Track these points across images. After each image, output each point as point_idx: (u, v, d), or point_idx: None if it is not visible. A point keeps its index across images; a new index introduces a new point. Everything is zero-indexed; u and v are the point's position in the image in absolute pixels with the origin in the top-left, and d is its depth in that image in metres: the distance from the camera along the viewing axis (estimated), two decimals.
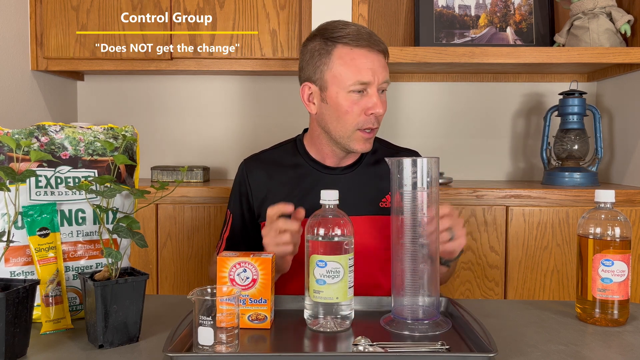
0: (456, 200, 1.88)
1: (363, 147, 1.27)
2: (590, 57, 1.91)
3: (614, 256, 1.01)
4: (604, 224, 1.02)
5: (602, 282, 1.01)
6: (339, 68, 1.22)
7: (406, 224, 0.99)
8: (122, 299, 0.89)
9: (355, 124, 1.23)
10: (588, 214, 1.05)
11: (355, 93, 1.22)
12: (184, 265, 1.95)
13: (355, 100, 1.22)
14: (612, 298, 1.01)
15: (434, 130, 2.33)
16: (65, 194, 1.02)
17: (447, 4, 2.17)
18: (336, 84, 1.22)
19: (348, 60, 1.21)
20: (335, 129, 1.26)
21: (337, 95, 1.23)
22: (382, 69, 1.23)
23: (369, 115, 1.23)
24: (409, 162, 0.99)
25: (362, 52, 1.21)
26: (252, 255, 0.98)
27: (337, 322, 0.96)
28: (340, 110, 1.23)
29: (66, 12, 2.05)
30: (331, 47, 1.23)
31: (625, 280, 1.01)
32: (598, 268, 1.01)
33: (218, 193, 1.92)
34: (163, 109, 2.36)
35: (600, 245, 1.02)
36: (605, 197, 1.04)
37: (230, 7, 2.05)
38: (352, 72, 1.21)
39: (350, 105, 1.22)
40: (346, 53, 1.21)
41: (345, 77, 1.21)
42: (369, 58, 1.21)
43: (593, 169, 2.04)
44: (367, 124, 1.23)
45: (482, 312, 1.05)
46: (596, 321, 1.02)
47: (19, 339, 0.84)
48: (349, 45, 1.21)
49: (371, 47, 1.21)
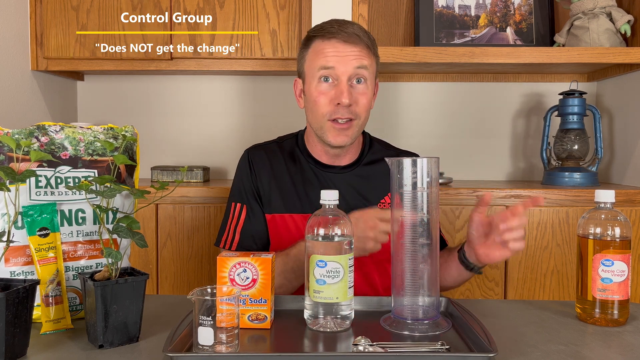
0: (456, 200, 1.88)
1: (335, 139, 1.25)
2: (590, 57, 1.91)
3: (614, 256, 1.01)
4: (604, 224, 1.02)
5: (602, 282, 1.01)
6: (310, 58, 1.26)
7: (406, 224, 0.99)
8: (122, 299, 0.89)
9: (323, 114, 1.24)
10: (588, 214, 1.05)
11: (324, 82, 1.24)
12: (184, 265, 1.95)
13: (324, 90, 1.24)
14: (612, 298, 1.01)
15: (434, 130, 2.33)
16: (65, 194, 1.02)
17: (447, 4, 2.17)
18: (310, 75, 1.26)
19: (318, 50, 1.25)
20: (311, 121, 1.29)
21: (309, 86, 1.26)
22: (352, 57, 1.22)
23: (337, 105, 1.23)
24: (409, 162, 0.99)
25: (332, 42, 1.23)
26: (252, 255, 0.97)
27: (337, 322, 0.96)
28: (311, 101, 1.26)
29: (66, 12, 2.05)
30: (310, 42, 1.27)
31: (625, 281, 1.01)
32: (598, 268, 1.01)
33: (218, 193, 1.92)
34: (163, 109, 2.36)
35: (600, 246, 1.02)
36: (605, 197, 1.03)
37: (230, 7, 2.05)
38: (318, 59, 1.24)
39: (318, 95, 1.24)
40: (318, 45, 1.25)
41: (314, 64, 1.25)
42: (338, 48, 1.23)
43: (593, 169, 2.04)
44: (335, 114, 1.23)
45: (482, 312, 1.05)
46: (596, 321, 1.02)
47: (19, 339, 0.84)
48: (322, 37, 1.24)
49: (345, 39, 1.23)
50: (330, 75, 1.23)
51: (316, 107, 1.24)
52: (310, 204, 1.29)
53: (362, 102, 1.24)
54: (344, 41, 1.22)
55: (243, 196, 1.34)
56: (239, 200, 1.34)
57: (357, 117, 1.24)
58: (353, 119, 1.24)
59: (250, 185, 1.34)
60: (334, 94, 1.23)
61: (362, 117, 1.26)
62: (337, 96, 1.22)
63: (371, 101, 1.28)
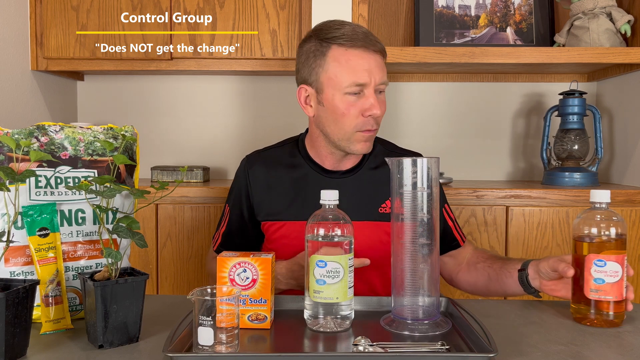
0: (456, 200, 1.88)
1: (363, 148, 1.25)
2: (590, 57, 1.91)
3: (607, 257, 1.00)
4: (598, 224, 1.02)
5: (595, 282, 1.00)
6: (334, 70, 1.19)
7: (406, 224, 0.99)
8: (122, 299, 0.89)
9: (354, 126, 1.21)
10: (583, 214, 1.04)
11: (352, 95, 1.19)
12: (184, 265, 1.95)
13: (352, 102, 1.20)
14: (606, 299, 1.00)
15: (434, 131, 2.33)
16: (65, 194, 1.02)
17: (447, 4, 2.17)
18: (332, 86, 1.20)
19: (343, 61, 1.19)
20: (333, 132, 1.24)
21: (333, 98, 1.21)
22: (378, 69, 1.20)
23: (367, 117, 1.20)
24: (409, 162, 0.99)
25: (357, 52, 1.18)
26: (252, 255, 0.97)
27: (337, 322, 0.96)
28: (337, 113, 1.21)
29: (66, 12, 2.05)
30: (326, 48, 1.20)
31: (620, 281, 1.00)
32: (591, 268, 1.01)
33: (218, 193, 1.92)
34: (163, 109, 2.36)
35: (593, 246, 1.01)
36: (600, 197, 1.03)
37: (230, 7, 2.05)
38: (347, 74, 1.18)
39: (347, 108, 1.20)
40: (341, 54, 1.19)
41: (340, 78, 1.19)
42: (365, 59, 1.19)
43: (593, 169, 2.04)
44: (365, 126, 1.21)
45: (482, 312, 1.05)
46: (590, 322, 1.01)
47: (19, 339, 0.84)
48: (344, 45, 1.19)
49: (367, 47, 1.19)
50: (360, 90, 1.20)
51: (344, 119, 1.21)
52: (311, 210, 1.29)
53: (383, 110, 1.23)
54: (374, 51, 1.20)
55: (230, 200, 1.37)
56: (228, 203, 1.38)
57: (379, 125, 1.25)
58: (377, 128, 1.25)
59: (240, 194, 1.35)
60: (362, 105, 1.20)
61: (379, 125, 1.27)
62: (369, 108, 1.19)
63: None
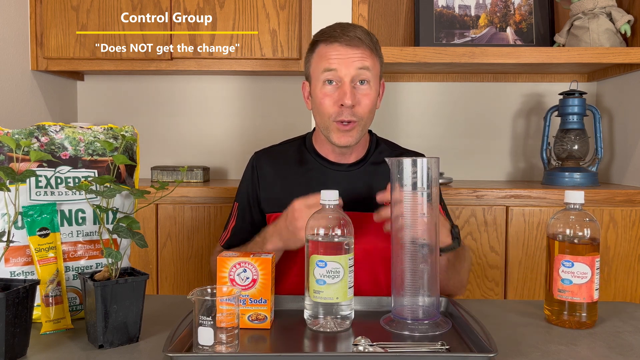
0: (456, 200, 1.88)
1: (340, 140, 1.28)
2: (590, 57, 1.91)
3: (574, 257, 0.99)
4: (568, 225, 1.02)
5: (562, 282, 1.00)
6: (315, 62, 1.29)
7: (406, 223, 0.99)
8: (122, 299, 0.89)
9: (329, 116, 1.27)
10: (557, 214, 1.04)
11: (328, 85, 1.26)
12: (184, 265, 1.95)
13: (329, 92, 1.26)
14: (572, 300, 1.00)
15: (434, 131, 2.33)
16: (65, 194, 1.02)
17: (447, 4, 2.17)
18: (315, 77, 1.29)
19: (322, 54, 1.27)
20: (318, 123, 1.32)
21: (315, 89, 1.30)
22: (355, 59, 1.24)
23: (340, 106, 1.25)
24: (409, 162, 0.99)
25: (334, 46, 1.26)
26: (252, 255, 0.98)
27: (337, 322, 0.96)
28: (316, 102, 1.29)
29: (66, 12, 2.05)
30: (315, 46, 1.30)
31: (588, 283, 0.99)
32: (559, 269, 1.01)
33: (218, 193, 1.92)
34: (163, 109, 2.36)
35: (562, 246, 1.01)
36: (574, 198, 1.03)
37: (230, 7, 2.05)
38: (321, 62, 1.27)
39: (323, 97, 1.27)
40: (322, 48, 1.28)
41: (318, 68, 1.28)
42: (339, 50, 1.25)
43: (593, 169, 2.03)
44: (339, 116, 1.26)
45: (482, 312, 1.05)
46: (562, 323, 1.01)
47: (19, 339, 0.84)
48: (326, 41, 1.27)
49: (342, 41, 1.25)
50: (334, 78, 1.25)
51: (321, 108, 1.28)
52: None
53: (364, 103, 1.26)
54: (347, 44, 1.25)
55: (239, 197, 1.41)
56: (237, 200, 1.41)
57: (360, 118, 1.27)
58: (355, 121, 1.26)
59: (249, 190, 1.39)
60: (337, 95, 1.25)
61: (364, 118, 1.27)
62: (340, 98, 1.24)
63: (375, 102, 1.30)
